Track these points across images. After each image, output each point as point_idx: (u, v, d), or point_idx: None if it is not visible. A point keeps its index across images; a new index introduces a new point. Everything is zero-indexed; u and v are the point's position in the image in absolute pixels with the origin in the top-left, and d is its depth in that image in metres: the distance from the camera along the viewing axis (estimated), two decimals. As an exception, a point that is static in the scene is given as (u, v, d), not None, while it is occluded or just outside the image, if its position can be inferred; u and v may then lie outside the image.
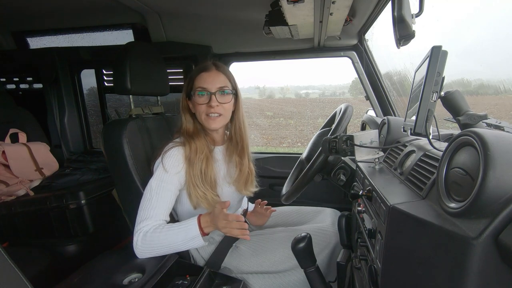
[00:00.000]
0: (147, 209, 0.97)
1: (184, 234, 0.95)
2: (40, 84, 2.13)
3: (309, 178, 1.12)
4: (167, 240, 0.94)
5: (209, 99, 1.05)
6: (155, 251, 0.96)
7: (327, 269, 1.09)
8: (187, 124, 1.10)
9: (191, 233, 0.95)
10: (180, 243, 0.96)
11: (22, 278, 0.48)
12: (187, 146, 1.04)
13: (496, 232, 0.41)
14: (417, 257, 0.52)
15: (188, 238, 0.95)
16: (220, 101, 1.06)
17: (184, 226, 0.96)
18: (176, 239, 0.95)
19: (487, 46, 1.27)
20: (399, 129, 0.98)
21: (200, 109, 1.06)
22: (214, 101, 1.04)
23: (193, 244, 0.96)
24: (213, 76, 1.06)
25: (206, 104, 1.05)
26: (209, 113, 1.05)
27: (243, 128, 1.16)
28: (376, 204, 0.72)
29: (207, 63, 1.10)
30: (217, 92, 1.05)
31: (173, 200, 1.02)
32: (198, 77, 1.07)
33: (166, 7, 1.51)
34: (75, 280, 0.88)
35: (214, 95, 1.04)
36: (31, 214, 1.57)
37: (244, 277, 1.05)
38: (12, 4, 1.57)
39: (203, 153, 1.05)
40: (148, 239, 0.94)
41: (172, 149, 1.03)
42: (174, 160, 1.02)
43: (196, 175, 1.03)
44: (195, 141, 1.05)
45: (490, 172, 0.42)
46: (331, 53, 1.74)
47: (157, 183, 0.99)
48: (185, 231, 0.95)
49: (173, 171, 1.00)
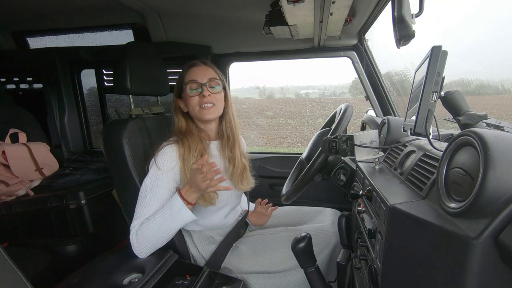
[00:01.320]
0: (140, 207, 0.97)
1: (170, 211, 0.95)
2: (40, 84, 2.13)
3: (309, 178, 1.13)
4: (157, 227, 0.94)
5: (201, 90, 1.07)
6: (152, 244, 0.96)
7: (327, 269, 1.09)
8: (180, 122, 1.11)
9: (175, 207, 0.95)
10: (170, 223, 0.95)
11: (22, 278, 0.48)
12: (180, 144, 1.05)
13: (496, 232, 0.41)
14: (417, 257, 0.52)
15: (175, 214, 0.95)
16: (212, 91, 1.08)
17: (167, 205, 0.97)
18: (165, 221, 0.95)
19: (487, 46, 1.27)
20: (399, 129, 0.98)
21: (193, 101, 1.07)
22: (206, 90, 1.07)
23: (182, 218, 0.96)
24: (202, 70, 1.10)
25: (199, 96, 1.07)
26: (202, 104, 1.07)
27: (233, 122, 1.18)
28: (376, 204, 0.72)
29: (195, 61, 1.13)
30: (207, 83, 1.08)
31: (168, 197, 1.01)
32: (188, 72, 1.10)
33: (166, 7, 1.51)
34: (75, 280, 0.88)
35: (205, 86, 1.07)
36: (31, 214, 1.57)
37: (244, 277, 1.05)
38: (12, 4, 1.57)
39: (196, 150, 1.05)
40: (140, 236, 0.94)
41: (165, 147, 1.04)
42: (167, 157, 1.02)
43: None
44: (188, 139, 1.06)
45: (490, 172, 0.42)
46: (331, 53, 1.74)
47: (151, 181, 0.99)
48: (169, 208, 0.96)
49: (166, 168, 1.01)
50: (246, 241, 1.16)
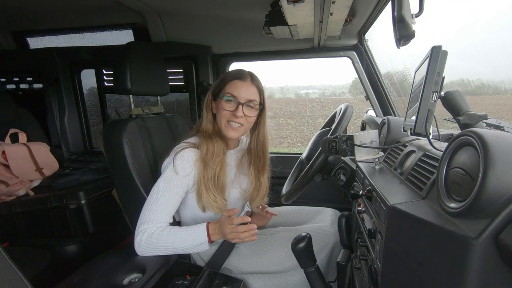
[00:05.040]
0: (152, 210, 0.96)
1: (192, 240, 0.96)
2: (40, 84, 2.13)
3: (309, 178, 1.12)
4: (174, 244, 0.95)
5: (235, 108, 1.02)
6: (158, 251, 0.96)
7: (327, 269, 1.09)
8: (207, 123, 1.07)
9: (199, 240, 0.96)
10: (186, 248, 0.97)
11: (22, 278, 0.48)
12: (203, 147, 1.02)
13: (496, 232, 0.41)
14: (417, 257, 0.52)
15: (195, 244, 0.96)
16: (246, 113, 1.03)
17: (192, 231, 0.97)
18: (183, 243, 0.96)
19: (487, 46, 1.27)
20: (399, 129, 0.98)
21: (223, 114, 1.03)
22: (240, 111, 1.02)
23: (197, 249, 0.98)
24: (246, 86, 1.03)
25: (231, 112, 1.02)
26: (231, 121, 1.03)
27: (266, 143, 1.14)
28: (376, 204, 0.72)
29: (244, 71, 1.07)
30: (245, 103, 1.03)
31: (178, 202, 1.01)
32: (231, 83, 1.04)
33: (166, 7, 1.51)
34: (75, 280, 0.88)
35: (242, 105, 1.02)
36: (31, 214, 1.57)
37: (244, 277, 1.05)
38: (12, 4, 1.57)
39: (219, 156, 1.03)
40: (154, 240, 0.94)
41: (185, 150, 1.01)
42: (185, 162, 0.99)
43: (210, 178, 1.02)
44: (213, 143, 1.03)
45: (490, 172, 0.42)
46: (331, 53, 1.74)
47: (165, 185, 0.97)
48: (193, 237, 0.96)
49: (183, 173, 0.99)
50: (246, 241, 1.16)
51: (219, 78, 1.09)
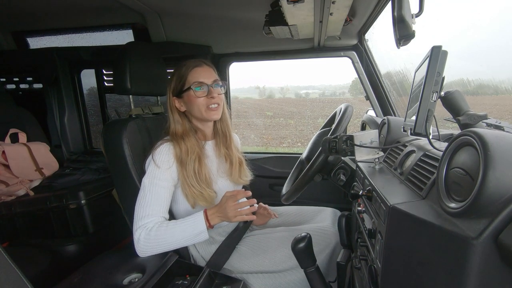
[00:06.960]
0: (144, 206, 0.97)
1: (191, 229, 0.97)
2: (40, 84, 2.13)
3: (309, 178, 1.12)
4: (173, 237, 0.96)
5: (208, 91, 1.07)
6: (158, 248, 0.96)
7: (327, 269, 1.09)
8: (175, 125, 1.10)
9: (198, 228, 0.97)
10: (186, 239, 0.97)
11: (22, 278, 0.48)
12: (176, 148, 1.05)
13: (496, 232, 0.41)
14: (417, 257, 0.52)
15: (195, 233, 0.97)
16: (218, 92, 1.10)
17: (190, 221, 0.98)
18: (183, 234, 0.96)
19: (487, 46, 1.27)
20: (399, 129, 0.98)
21: (200, 102, 1.07)
22: (214, 92, 1.07)
23: (198, 239, 0.98)
24: (206, 71, 1.10)
25: (206, 97, 1.07)
26: (210, 104, 1.07)
27: (228, 120, 1.19)
28: (376, 204, 0.72)
29: (195, 60, 1.11)
30: (213, 84, 1.08)
31: (168, 196, 1.02)
32: (193, 71, 1.08)
33: (166, 7, 1.51)
34: (75, 280, 0.88)
35: (211, 87, 1.08)
36: (31, 214, 1.57)
37: (244, 277, 1.05)
38: (12, 4, 1.57)
39: (194, 153, 1.06)
40: (152, 236, 0.94)
41: (162, 145, 1.04)
42: (165, 155, 1.03)
43: (190, 175, 1.04)
44: (185, 142, 1.06)
45: (490, 172, 0.42)
46: (331, 53, 1.74)
47: (150, 180, 1.00)
48: (192, 226, 0.97)
49: (165, 166, 1.02)
50: (246, 241, 1.16)
51: (174, 77, 1.12)
